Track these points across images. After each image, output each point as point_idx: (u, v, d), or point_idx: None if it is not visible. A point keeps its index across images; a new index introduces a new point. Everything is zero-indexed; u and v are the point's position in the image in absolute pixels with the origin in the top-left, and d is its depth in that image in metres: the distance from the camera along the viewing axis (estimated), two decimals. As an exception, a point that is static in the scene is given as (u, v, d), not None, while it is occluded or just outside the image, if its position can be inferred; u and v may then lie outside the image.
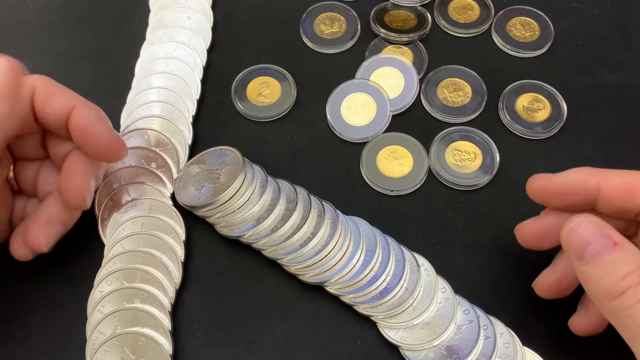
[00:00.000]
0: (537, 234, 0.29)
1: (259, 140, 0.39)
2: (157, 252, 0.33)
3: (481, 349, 0.30)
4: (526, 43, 0.42)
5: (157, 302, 0.32)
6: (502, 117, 0.39)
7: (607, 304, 0.24)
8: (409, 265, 0.32)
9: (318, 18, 0.43)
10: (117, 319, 0.31)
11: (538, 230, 0.29)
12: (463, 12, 0.43)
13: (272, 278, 0.34)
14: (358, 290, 0.32)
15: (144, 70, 0.41)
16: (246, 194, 0.34)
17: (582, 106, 0.39)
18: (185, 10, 0.43)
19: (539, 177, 0.29)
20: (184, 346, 0.32)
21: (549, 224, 0.29)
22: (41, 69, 0.42)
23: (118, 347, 0.30)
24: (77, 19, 0.45)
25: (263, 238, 0.33)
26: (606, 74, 0.41)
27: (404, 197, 0.36)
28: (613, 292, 0.23)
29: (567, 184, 0.28)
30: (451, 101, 0.39)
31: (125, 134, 0.37)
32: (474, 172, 0.37)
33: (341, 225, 0.33)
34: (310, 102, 0.40)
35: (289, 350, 0.32)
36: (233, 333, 0.32)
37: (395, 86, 0.40)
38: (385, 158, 0.37)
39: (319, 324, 0.33)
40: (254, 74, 0.41)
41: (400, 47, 0.42)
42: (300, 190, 0.35)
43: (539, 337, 0.32)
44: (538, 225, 0.29)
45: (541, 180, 0.29)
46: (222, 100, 0.40)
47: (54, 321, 0.33)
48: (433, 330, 0.31)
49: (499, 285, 0.34)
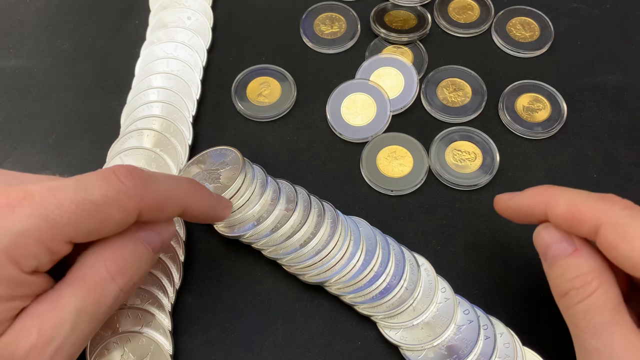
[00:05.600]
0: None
1: (259, 140, 0.39)
2: (157, 252, 0.33)
3: (481, 349, 0.30)
4: (526, 43, 0.42)
5: (157, 302, 0.32)
6: (502, 117, 0.39)
7: (558, 302, 0.27)
8: (409, 265, 0.32)
9: (318, 18, 0.43)
10: (117, 319, 0.31)
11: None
12: (463, 12, 0.43)
13: (272, 278, 0.34)
14: (358, 290, 0.32)
15: (144, 70, 0.41)
16: (246, 194, 0.34)
17: (582, 106, 0.39)
18: (185, 10, 0.43)
19: (500, 198, 0.30)
20: (184, 346, 0.32)
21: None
22: (41, 69, 0.42)
23: (118, 347, 0.30)
24: (77, 19, 0.45)
25: (263, 238, 0.33)
26: (606, 74, 0.41)
27: (404, 197, 0.36)
28: (560, 292, 0.26)
29: (520, 207, 0.29)
30: (451, 101, 0.39)
31: (125, 134, 0.37)
32: (474, 172, 0.37)
33: (341, 225, 0.33)
34: (310, 102, 0.40)
35: (289, 350, 0.32)
36: (233, 333, 0.32)
37: (395, 86, 0.40)
38: (385, 158, 0.37)
39: (319, 324, 0.33)
40: (254, 74, 0.41)
41: (400, 47, 0.42)
42: (300, 190, 0.35)
43: (539, 337, 0.32)
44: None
45: (501, 201, 0.30)
46: (222, 100, 0.40)
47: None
48: (433, 330, 0.31)
49: (499, 285, 0.34)
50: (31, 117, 0.40)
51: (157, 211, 0.27)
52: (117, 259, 0.26)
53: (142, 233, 0.27)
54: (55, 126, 0.40)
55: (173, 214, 0.28)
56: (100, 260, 0.26)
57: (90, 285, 0.25)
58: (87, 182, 0.25)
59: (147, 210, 0.26)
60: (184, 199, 0.28)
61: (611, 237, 0.24)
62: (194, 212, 0.29)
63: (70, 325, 0.24)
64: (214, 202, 0.31)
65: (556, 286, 0.27)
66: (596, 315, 0.24)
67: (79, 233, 0.24)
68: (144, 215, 0.26)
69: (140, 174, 0.26)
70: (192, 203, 0.29)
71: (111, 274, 0.26)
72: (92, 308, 0.25)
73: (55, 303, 0.24)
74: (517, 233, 0.35)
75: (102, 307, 0.25)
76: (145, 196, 0.26)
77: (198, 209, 0.30)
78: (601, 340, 0.24)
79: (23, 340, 0.23)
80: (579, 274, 0.25)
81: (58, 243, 0.24)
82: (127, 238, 0.27)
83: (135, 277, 0.27)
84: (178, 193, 0.28)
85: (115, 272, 0.26)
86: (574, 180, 0.36)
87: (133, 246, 0.27)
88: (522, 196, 0.29)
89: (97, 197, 0.24)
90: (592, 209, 0.25)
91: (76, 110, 0.41)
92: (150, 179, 0.26)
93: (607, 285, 0.25)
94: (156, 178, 0.27)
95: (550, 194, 0.27)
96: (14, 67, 0.42)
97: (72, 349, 0.25)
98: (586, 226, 0.25)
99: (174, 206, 0.28)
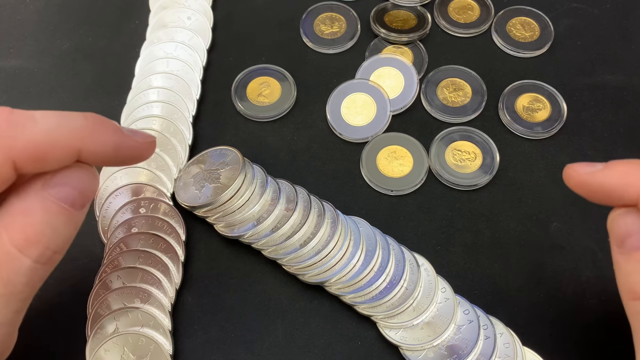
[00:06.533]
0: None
1: (259, 140, 0.39)
2: (157, 252, 0.33)
3: (481, 349, 0.30)
4: (526, 43, 0.42)
5: (157, 302, 0.32)
6: (502, 117, 0.39)
7: (627, 301, 0.23)
8: (409, 265, 0.32)
9: (318, 18, 0.43)
10: (117, 318, 0.31)
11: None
12: (463, 12, 0.43)
13: (272, 278, 0.34)
14: (358, 290, 0.32)
15: (144, 70, 0.41)
16: (246, 194, 0.34)
17: (582, 106, 0.39)
18: (185, 10, 0.43)
19: (573, 169, 0.25)
20: (184, 346, 0.32)
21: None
22: (41, 69, 0.42)
23: (118, 347, 0.30)
24: (77, 19, 0.45)
25: (263, 238, 0.33)
26: (606, 74, 0.41)
27: (404, 197, 0.36)
28: (635, 291, 0.23)
29: (604, 186, 0.24)
30: (451, 101, 0.39)
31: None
32: (474, 172, 0.37)
33: (341, 225, 0.33)
34: (310, 102, 0.40)
35: (289, 350, 0.32)
36: (233, 333, 0.32)
37: (395, 86, 0.40)
38: (385, 158, 0.37)
39: (319, 324, 0.33)
40: (254, 74, 0.41)
41: (400, 47, 0.42)
42: (300, 190, 0.35)
43: (539, 337, 0.32)
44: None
45: (575, 174, 0.25)
46: (222, 100, 0.40)
47: (54, 321, 0.33)
48: (433, 330, 0.31)
49: (499, 285, 0.34)
50: (31, 117, 0.40)
51: (39, 159, 0.22)
52: (22, 227, 0.22)
53: (50, 189, 0.23)
54: (55, 126, 0.40)
55: (64, 160, 0.23)
56: (0, 233, 0.22)
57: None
58: None
59: (25, 159, 0.22)
60: (74, 140, 0.23)
61: None
62: (94, 154, 0.24)
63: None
64: (122, 138, 0.25)
65: (629, 282, 0.23)
66: None
67: None
68: (24, 167, 0.22)
69: (8, 117, 0.22)
70: (88, 144, 0.23)
71: (18, 246, 0.22)
72: (3, 290, 0.22)
73: None
74: (517, 233, 0.35)
75: (15, 287, 0.22)
76: (16, 143, 0.21)
77: (99, 150, 0.24)
78: None
79: None
80: None
81: None
82: (31, 199, 0.22)
83: (53, 245, 0.23)
84: (64, 133, 0.23)
85: (23, 242, 0.22)
86: (574, 180, 0.36)
87: (41, 208, 0.22)
88: (608, 173, 0.24)
89: None
90: None
91: (76, 110, 0.40)
92: (22, 120, 0.22)
93: None
94: (33, 118, 0.22)
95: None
96: (14, 67, 0.42)
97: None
98: None
99: (62, 150, 0.23)
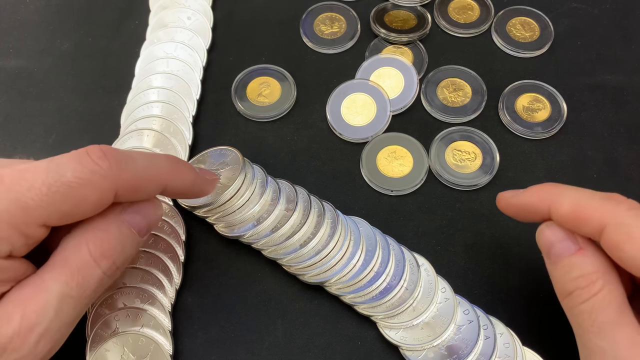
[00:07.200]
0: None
1: (259, 140, 0.39)
2: (158, 252, 0.33)
3: (481, 349, 0.30)
4: (526, 43, 0.42)
5: (157, 302, 0.32)
6: (502, 117, 0.39)
7: (562, 300, 0.27)
8: (409, 265, 0.32)
9: (318, 18, 0.43)
10: (117, 319, 0.31)
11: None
12: (463, 12, 0.43)
13: (272, 278, 0.34)
14: (358, 290, 0.32)
15: (144, 70, 0.41)
16: (246, 194, 0.34)
17: (582, 106, 0.39)
18: (185, 10, 0.43)
19: (503, 195, 0.30)
20: (184, 346, 0.32)
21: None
22: (41, 69, 0.42)
23: (118, 347, 0.30)
24: (77, 19, 0.45)
25: (263, 238, 0.33)
26: (606, 74, 0.41)
27: (404, 197, 0.36)
28: (564, 291, 0.26)
29: (523, 205, 0.28)
30: (451, 101, 0.39)
31: (125, 134, 0.37)
32: (474, 172, 0.37)
33: (341, 225, 0.33)
34: (310, 102, 0.40)
35: (288, 350, 0.32)
36: (233, 333, 0.32)
37: (395, 86, 0.40)
38: (385, 158, 0.37)
39: (319, 324, 0.33)
40: (254, 74, 0.41)
41: (400, 47, 0.42)
42: (300, 190, 0.35)
43: (539, 337, 0.32)
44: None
45: (503, 199, 0.30)
46: (222, 100, 0.40)
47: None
48: (433, 330, 0.31)
49: (499, 285, 0.34)
50: (31, 117, 0.40)
51: (135, 191, 0.26)
52: (100, 242, 0.25)
53: (126, 215, 0.27)
54: (55, 126, 0.40)
55: (153, 193, 0.28)
56: (83, 243, 0.25)
57: (73, 269, 0.24)
58: (59, 163, 0.24)
59: (124, 190, 0.26)
60: (163, 177, 0.28)
61: (616, 238, 0.24)
62: (175, 189, 0.29)
63: (54, 310, 0.24)
64: (196, 177, 0.30)
65: (560, 285, 0.26)
66: (601, 315, 0.24)
67: (53, 216, 0.24)
68: (121, 196, 0.26)
69: (115, 154, 0.25)
70: (172, 180, 0.28)
71: (94, 258, 0.25)
72: (76, 292, 0.24)
73: (38, 288, 0.24)
74: (517, 233, 0.35)
75: (86, 291, 0.25)
76: (121, 176, 0.25)
77: (179, 186, 0.29)
78: (606, 339, 0.24)
79: (5, 326, 0.23)
80: (583, 273, 0.25)
81: (31, 226, 0.24)
82: (110, 221, 0.26)
83: (119, 261, 0.26)
84: (156, 171, 0.27)
85: (99, 255, 0.25)
86: (573, 181, 0.36)
87: (117, 229, 0.26)
88: (525, 194, 0.28)
89: (69, 178, 0.24)
90: (596, 208, 0.25)
91: (76, 110, 0.41)
92: (126, 158, 0.26)
93: (611, 285, 0.25)
94: (132, 157, 0.26)
95: (554, 192, 0.27)
96: (14, 67, 0.42)
97: (57, 334, 0.24)
98: (590, 226, 0.25)
99: (153, 185, 0.27)
